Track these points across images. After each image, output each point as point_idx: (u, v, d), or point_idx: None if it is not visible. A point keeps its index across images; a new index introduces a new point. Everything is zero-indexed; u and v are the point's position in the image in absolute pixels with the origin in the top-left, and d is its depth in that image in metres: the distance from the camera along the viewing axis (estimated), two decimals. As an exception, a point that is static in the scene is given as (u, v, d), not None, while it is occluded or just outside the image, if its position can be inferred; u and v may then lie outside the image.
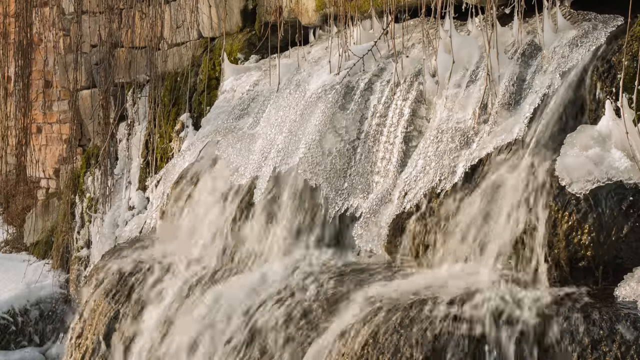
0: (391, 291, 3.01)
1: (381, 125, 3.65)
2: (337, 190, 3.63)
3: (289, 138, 3.87)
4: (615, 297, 2.60)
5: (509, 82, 3.26)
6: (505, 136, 3.10)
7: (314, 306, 3.16)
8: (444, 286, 2.91)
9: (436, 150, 3.30)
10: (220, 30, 5.45)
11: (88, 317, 4.21)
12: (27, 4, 7.66)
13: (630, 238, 2.69)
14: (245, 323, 3.31)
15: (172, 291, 3.85)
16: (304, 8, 4.79)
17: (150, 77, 6.03)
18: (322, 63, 4.23)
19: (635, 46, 2.94)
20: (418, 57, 3.75)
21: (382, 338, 2.74)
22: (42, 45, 7.66)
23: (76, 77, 6.82)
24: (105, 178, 6.38)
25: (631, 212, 2.69)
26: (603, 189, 2.73)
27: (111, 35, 6.33)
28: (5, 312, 6.51)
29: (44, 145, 8.11)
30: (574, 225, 2.74)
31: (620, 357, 2.37)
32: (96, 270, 4.46)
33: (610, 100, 2.93)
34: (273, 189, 3.79)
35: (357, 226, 3.47)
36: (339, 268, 3.41)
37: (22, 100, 7.86)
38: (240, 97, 4.62)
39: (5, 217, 8.47)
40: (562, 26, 3.34)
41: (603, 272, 2.73)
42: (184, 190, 4.34)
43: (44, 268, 7.10)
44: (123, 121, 6.46)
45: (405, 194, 3.32)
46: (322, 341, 2.95)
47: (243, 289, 3.49)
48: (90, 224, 6.61)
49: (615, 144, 2.81)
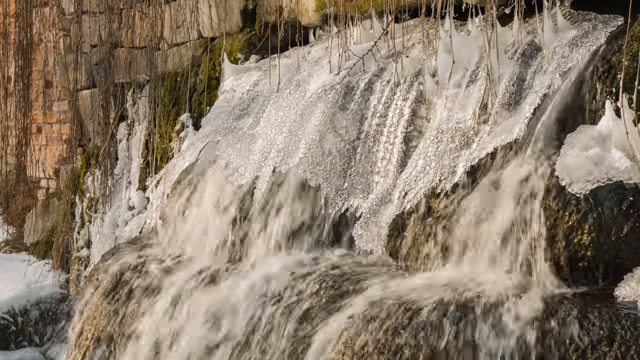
0: (391, 291, 3.01)
1: (381, 125, 3.65)
2: (337, 190, 3.63)
3: (289, 138, 3.87)
4: (615, 297, 2.60)
5: (509, 82, 3.26)
6: (505, 136, 3.10)
7: (314, 306, 3.16)
8: (444, 286, 2.91)
9: (436, 151, 3.30)
10: (220, 30, 5.45)
11: (88, 317, 4.21)
12: (27, 4, 7.66)
13: (630, 238, 2.69)
14: (246, 324, 3.31)
15: (172, 291, 3.85)
16: (304, 8, 4.79)
17: (150, 77, 6.03)
18: (322, 63, 4.23)
19: (635, 46, 2.94)
20: (418, 57, 3.74)
21: (382, 338, 2.74)
22: (42, 45, 7.66)
23: (76, 77, 6.81)
24: (105, 178, 6.38)
25: (631, 212, 2.69)
26: (603, 189, 2.73)
27: (111, 35, 6.33)
28: (5, 312, 6.51)
29: (44, 145, 8.11)
30: (574, 225, 2.74)
31: (620, 357, 2.37)
32: (96, 270, 4.46)
33: (610, 100, 2.93)
34: (273, 189, 3.79)
35: (357, 226, 3.46)
36: (339, 268, 3.41)
37: (22, 100, 7.86)
38: (240, 97, 4.62)
39: (5, 217, 8.47)
40: (562, 26, 3.34)
41: (603, 272, 2.73)
42: (184, 190, 4.34)
43: (44, 268, 7.10)
44: (123, 121, 6.46)
45: (405, 194, 3.32)
46: (323, 341, 2.95)
47: (243, 289, 3.49)
48: (90, 224, 6.61)
49: (615, 144, 2.81)
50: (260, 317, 3.29)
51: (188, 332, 3.55)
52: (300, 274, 3.41)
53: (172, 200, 4.39)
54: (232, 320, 3.38)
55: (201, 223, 4.09)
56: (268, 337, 3.20)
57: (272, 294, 3.36)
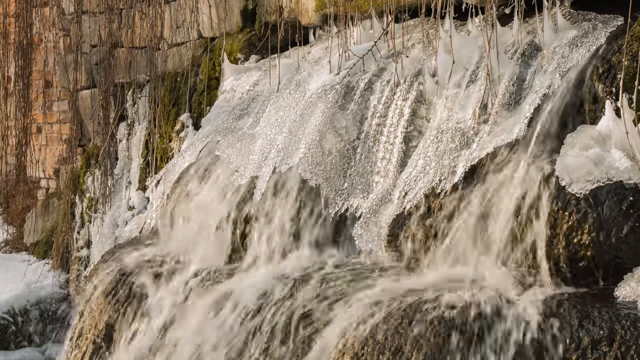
0: (391, 291, 3.01)
1: (381, 125, 3.65)
2: (337, 190, 3.63)
3: (289, 138, 3.87)
4: (615, 297, 2.60)
5: (509, 82, 3.26)
6: (505, 136, 3.10)
7: (314, 306, 3.16)
8: (445, 286, 2.91)
9: (436, 150, 3.30)
10: (220, 30, 5.45)
11: (88, 317, 4.21)
12: (27, 4, 7.67)
13: (630, 238, 2.69)
14: (246, 324, 3.32)
15: (172, 291, 3.85)
16: (304, 8, 4.79)
17: (150, 77, 6.04)
18: (322, 63, 4.23)
19: (635, 46, 2.94)
20: (418, 57, 3.74)
21: (382, 338, 2.74)
22: (42, 45, 7.66)
23: (76, 77, 6.82)
24: (105, 178, 6.38)
25: (631, 212, 2.69)
26: (603, 189, 2.73)
27: (111, 35, 6.33)
28: (5, 312, 6.51)
29: (44, 145, 8.12)
30: (574, 225, 2.74)
31: (620, 357, 2.37)
32: (96, 270, 4.46)
33: (610, 100, 2.93)
34: (273, 189, 3.79)
35: (357, 226, 3.46)
36: (339, 268, 3.41)
37: (22, 100, 7.86)
38: (240, 97, 4.62)
39: (5, 217, 8.47)
40: (562, 26, 3.34)
41: (603, 272, 2.73)
42: (183, 190, 4.34)
43: (44, 268, 7.10)
44: (123, 121, 6.46)
45: (405, 194, 3.32)
46: (323, 341, 2.95)
47: (243, 289, 3.49)
48: (90, 224, 6.61)
49: (615, 144, 2.81)
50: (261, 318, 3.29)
51: (186, 332, 3.55)
52: (300, 274, 3.41)
53: (172, 200, 4.39)
54: (232, 319, 3.38)
55: (201, 223, 4.09)
56: (268, 337, 3.21)
57: (272, 294, 3.36)
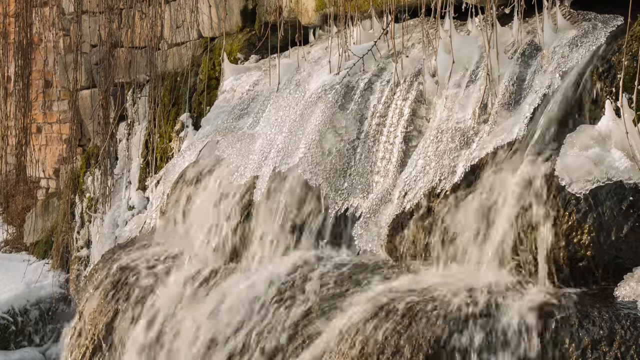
0: (391, 291, 3.00)
1: (381, 125, 3.65)
2: (337, 190, 3.63)
3: (289, 138, 3.87)
4: (615, 297, 2.60)
5: (509, 82, 3.26)
6: (505, 136, 3.10)
7: (314, 306, 3.16)
8: (444, 286, 2.91)
9: (436, 150, 3.30)
10: (220, 30, 5.45)
11: (88, 317, 4.21)
12: (27, 4, 7.67)
13: (630, 238, 2.69)
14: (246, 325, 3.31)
15: (172, 291, 3.84)
16: (304, 8, 4.79)
17: (150, 77, 6.03)
18: (322, 63, 4.23)
19: (635, 46, 2.94)
20: (418, 57, 3.74)
21: (382, 338, 2.74)
22: (42, 45, 7.67)
23: (76, 77, 6.82)
24: (105, 178, 6.38)
25: (631, 212, 2.69)
26: (603, 189, 2.73)
27: (111, 35, 6.33)
28: (5, 312, 6.51)
29: (44, 145, 8.12)
30: (574, 225, 2.74)
31: (620, 357, 2.37)
32: (96, 270, 4.46)
33: (610, 100, 2.93)
34: (273, 189, 3.79)
35: (357, 226, 3.46)
36: (339, 268, 3.41)
37: (22, 100, 7.86)
38: (240, 97, 4.62)
39: (5, 217, 8.47)
40: (562, 26, 3.34)
41: (603, 272, 2.72)
42: (183, 190, 4.34)
43: (43, 268, 7.10)
44: (123, 121, 6.46)
45: (405, 194, 3.32)
46: (322, 341, 2.95)
47: (243, 289, 3.49)
48: (90, 224, 6.61)
49: (615, 144, 2.81)
50: (260, 318, 3.29)
51: (185, 332, 3.55)
52: (299, 274, 3.41)
53: (172, 199, 4.39)
54: (232, 319, 3.38)
55: (201, 223, 4.09)
56: (267, 337, 3.20)
57: (271, 293, 3.35)
